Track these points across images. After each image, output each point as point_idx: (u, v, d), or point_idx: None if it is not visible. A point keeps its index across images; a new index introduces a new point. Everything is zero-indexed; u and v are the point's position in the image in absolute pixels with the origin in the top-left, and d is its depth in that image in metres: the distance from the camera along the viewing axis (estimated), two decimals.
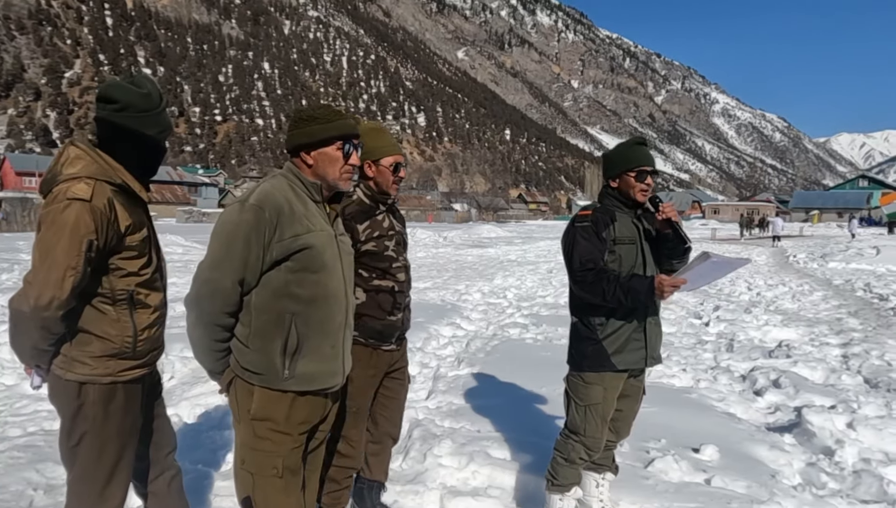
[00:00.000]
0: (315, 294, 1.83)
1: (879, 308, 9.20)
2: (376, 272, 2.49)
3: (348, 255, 1.99)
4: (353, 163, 1.90)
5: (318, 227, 1.84)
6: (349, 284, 1.96)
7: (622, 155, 2.43)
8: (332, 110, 1.91)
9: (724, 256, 2.16)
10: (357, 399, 2.49)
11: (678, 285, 2.15)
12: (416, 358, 5.66)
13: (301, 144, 1.87)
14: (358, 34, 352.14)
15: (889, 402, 4.55)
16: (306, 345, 1.83)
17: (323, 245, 1.83)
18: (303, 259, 1.79)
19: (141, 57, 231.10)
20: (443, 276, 12.75)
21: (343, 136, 1.88)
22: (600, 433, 2.44)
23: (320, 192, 1.88)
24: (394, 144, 2.60)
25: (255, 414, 1.83)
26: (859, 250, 19.54)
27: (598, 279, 2.28)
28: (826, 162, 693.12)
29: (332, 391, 1.94)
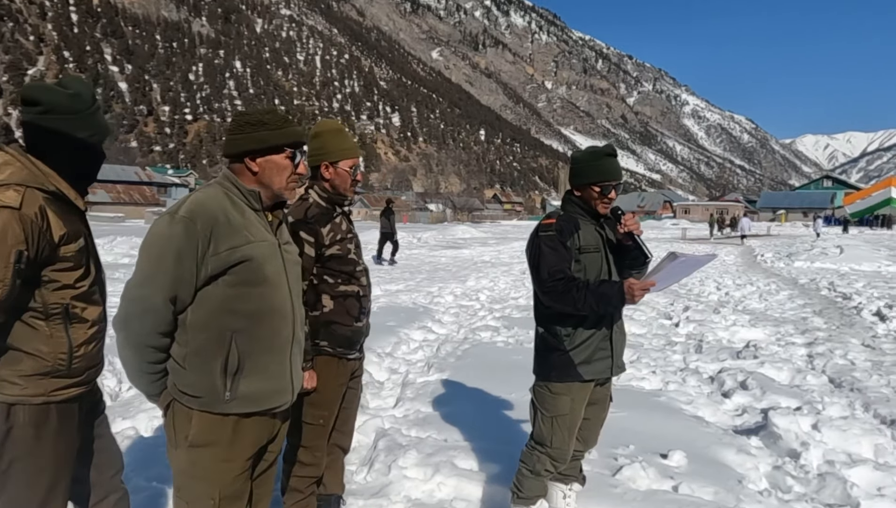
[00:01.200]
0: (258, 309, 1.73)
1: (843, 307, 9.41)
2: (342, 277, 2.42)
3: (295, 265, 1.89)
4: (300, 172, 1.83)
5: (258, 237, 1.74)
6: (296, 296, 1.86)
7: (589, 166, 2.38)
8: (281, 116, 1.82)
9: (692, 254, 2.14)
10: (325, 411, 2.42)
11: (648, 287, 2.11)
12: (385, 364, 5.58)
13: (247, 150, 1.77)
14: (331, 33, 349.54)
15: (852, 402, 4.61)
16: (249, 363, 1.73)
17: (264, 257, 1.74)
18: (242, 272, 1.70)
19: (108, 54, 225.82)
20: (416, 278, 12.66)
21: (293, 143, 1.80)
22: (567, 444, 2.39)
23: (259, 200, 1.78)
24: (353, 147, 2.53)
25: (193, 441, 1.72)
26: (823, 249, 20.03)
27: (569, 289, 2.23)
28: (792, 163, 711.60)
29: (281, 409, 1.85)
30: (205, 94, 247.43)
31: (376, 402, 4.48)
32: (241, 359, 1.71)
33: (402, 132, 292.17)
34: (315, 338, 2.37)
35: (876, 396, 4.75)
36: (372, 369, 5.32)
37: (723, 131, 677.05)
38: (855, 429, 3.89)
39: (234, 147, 1.79)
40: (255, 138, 1.76)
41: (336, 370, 2.43)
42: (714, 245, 29.38)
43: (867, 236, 37.80)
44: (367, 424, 3.73)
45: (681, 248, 26.61)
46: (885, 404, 4.55)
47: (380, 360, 5.62)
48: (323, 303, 2.38)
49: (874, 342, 6.91)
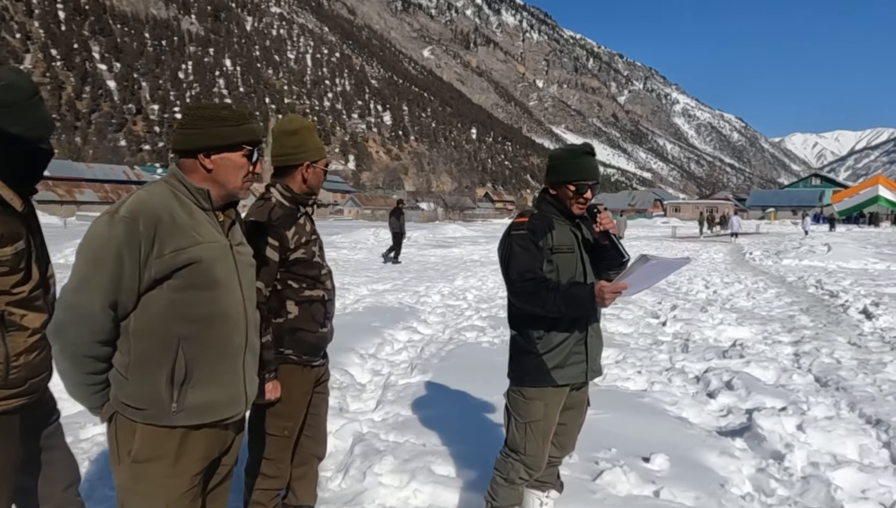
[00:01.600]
0: (207, 314, 1.63)
1: (830, 305, 9.40)
2: (307, 282, 2.32)
3: (248, 267, 1.79)
4: (257, 171, 1.74)
5: (207, 238, 1.64)
6: (249, 300, 1.76)
7: (565, 165, 2.30)
8: (240, 112, 1.73)
9: (663, 257, 2.06)
10: (290, 422, 2.33)
11: (619, 290, 2.04)
12: (367, 365, 5.49)
13: (202, 146, 1.67)
14: (322, 32, 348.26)
15: (838, 401, 4.57)
16: (198, 372, 1.63)
17: (214, 259, 1.64)
18: (189, 276, 1.60)
19: (96, 52, 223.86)
20: (403, 278, 12.56)
21: (251, 141, 1.71)
22: (541, 451, 2.31)
23: (208, 198, 1.68)
24: (323, 145, 2.48)
25: (136, 456, 1.62)
26: (811, 247, 20.11)
27: (538, 290, 2.15)
28: (781, 161, 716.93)
29: (234, 420, 1.75)
30: (194, 92, 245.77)
31: (356, 405, 4.39)
32: (189, 368, 1.62)
33: (393, 131, 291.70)
34: (279, 346, 2.27)
35: (861, 395, 4.72)
36: (354, 370, 5.23)
37: (713, 130, 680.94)
38: (840, 429, 3.85)
39: (188, 142, 1.68)
40: (212, 134, 1.66)
41: (301, 378, 2.34)
42: (704, 243, 29.47)
43: (855, 233, 38.06)
44: (345, 428, 3.64)
45: (671, 246, 26.66)
46: (870, 403, 4.51)
47: (362, 361, 5.53)
48: (287, 309, 2.28)
49: (860, 340, 6.89)
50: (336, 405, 4.22)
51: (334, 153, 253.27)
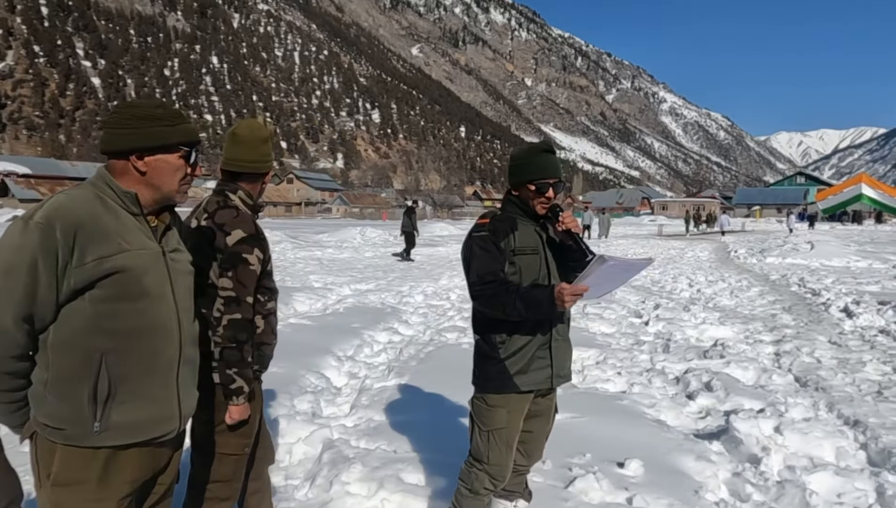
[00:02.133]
0: (134, 326, 1.53)
1: (812, 303, 9.44)
2: (268, 294, 2.24)
3: (184, 275, 1.69)
4: (196, 174, 1.66)
5: (135, 245, 1.54)
6: (184, 311, 1.66)
7: (524, 164, 2.23)
8: (175, 111, 1.64)
9: (624, 258, 1.99)
10: (250, 438, 2.21)
11: (579, 292, 1.97)
12: (344, 368, 5.40)
13: (135, 147, 1.56)
14: (310, 29, 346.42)
15: (816, 402, 4.55)
16: (124, 388, 1.53)
17: (143, 267, 1.54)
18: (114, 286, 1.49)
19: (80, 49, 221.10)
20: (388, 277, 12.46)
21: (189, 142, 1.62)
22: (505, 460, 2.24)
23: (136, 202, 1.57)
24: None
25: (56, 479, 1.51)
26: (795, 245, 20.26)
27: (497, 292, 2.08)
28: (767, 159, 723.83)
29: (168, 438, 1.65)
30: (180, 90, 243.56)
31: (330, 409, 4.30)
32: (114, 384, 1.51)
33: (381, 129, 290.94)
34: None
35: (840, 395, 4.71)
36: (330, 374, 5.14)
37: (700, 129, 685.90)
38: (817, 431, 3.82)
39: (118, 143, 1.57)
40: (146, 135, 1.56)
41: (259, 391, 2.27)
42: (690, 241, 29.62)
43: (838, 231, 38.46)
44: (315, 435, 3.55)
45: (657, 244, 26.76)
46: (848, 403, 4.50)
47: (339, 364, 5.44)
48: (256, 324, 2.19)
49: (841, 339, 6.91)
50: (309, 409, 4.13)
51: (322, 151, 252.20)
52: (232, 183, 2.21)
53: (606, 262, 1.88)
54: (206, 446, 2.15)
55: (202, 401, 2.06)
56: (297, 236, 25.95)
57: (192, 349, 1.69)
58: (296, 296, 9.04)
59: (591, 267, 1.91)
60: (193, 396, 1.72)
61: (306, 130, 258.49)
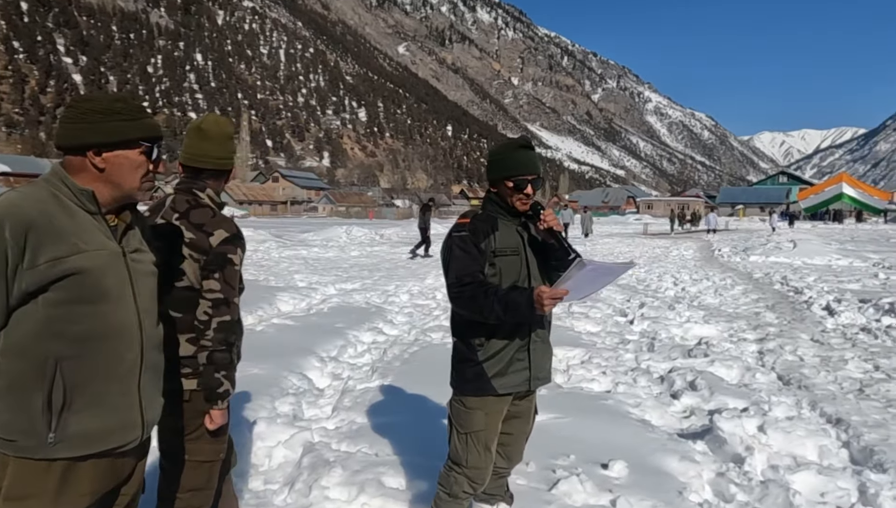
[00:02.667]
0: (91, 330, 1.45)
1: (794, 301, 9.52)
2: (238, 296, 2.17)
3: (146, 277, 1.60)
4: (160, 171, 1.58)
5: (92, 245, 1.46)
6: (146, 313, 1.59)
7: (501, 160, 2.18)
8: (136, 106, 1.56)
9: (603, 262, 1.96)
10: (223, 443, 2.12)
11: (559, 296, 1.92)
12: (328, 369, 5.33)
13: (93, 142, 1.48)
14: (296, 27, 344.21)
15: (800, 400, 4.57)
16: (81, 396, 1.45)
17: (101, 268, 1.46)
18: (70, 288, 1.41)
19: (61, 45, 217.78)
20: (373, 276, 12.38)
21: (151, 137, 1.55)
22: (484, 462, 2.20)
23: (93, 200, 1.49)
24: None
25: (8, 493, 1.42)
26: (778, 243, 20.47)
27: (476, 294, 2.04)
28: (750, 159, 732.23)
29: (131, 447, 1.57)
30: (164, 87, 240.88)
31: (312, 411, 4.23)
32: (70, 392, 1.43)
33: (368, 127, 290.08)
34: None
35: (822, 394, 4.73)
36: (313, 375, 5.07)
37: (684, 128, 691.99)
38: (800, 430, 3.82)
39: (75, 138, 1.49)
40: (105, 130, 1.48)
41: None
42: (675, 240, 29.84)
43: (820, 230, 38.98)
44: (296, 438, 3.48)
45: (643, 242, 26.91)
46: (831, 402, 4.52)
47: (322, 365, 5.36)
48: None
49: (823, 336, 6.96)
50: (290, 412, 4.06)
51: (308, 150, 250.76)
52: (198, 180, 2.12)
53: (586, 266, 1.84)
54: (178, 453, 2.05)
55: (170, 407, 1.97)
56: (281, 235, 25.75)
57: (155, 354, 1.62)
58: (280, 296, 8.93)
59: (571, 271, 1.87)
60: (158, 402, 1.65)
61: (292, 128, 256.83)
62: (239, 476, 2.96)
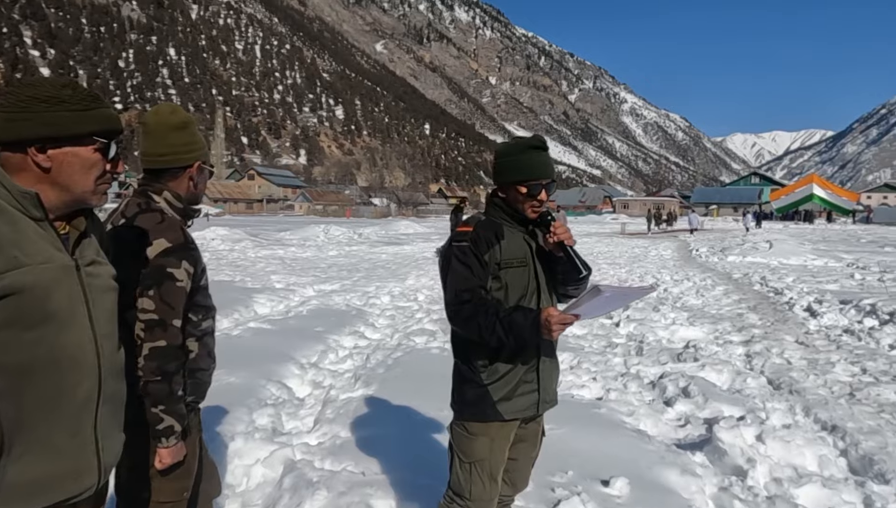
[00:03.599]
0: (32, 360, 1.20)
1: (776, 302, 9.53)
2: (203, 312, 1.89)
3: (104, 293, 1.35)
4: (119, 170, 1.34)
5: (38, 258, 1.21)
6: (105, 337, 1.33)
7: (512, 162, 1.95)
8: (88, 93, 1.30)
9: (621, 286, 1.78)
10: (189, 479, 1.88)
11: (569, 322, 1.74)
12: (308, 376, 5.09)
13: (35, 136, 1.23)
14: (272, 22, 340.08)
15: (793, 406, 4.49)
16: (22, 439, 1.20)
17: (48, 285, 1.21)
18: (8, 310, 1.17)
19: (28, 38, 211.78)
20: (353, 277, 12.12)
21: (106, 131, 1.30)
22: (489, 494, 2.00)
23: (38, 205, 1.23)
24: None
25: None
26: (754, 243, 20.70)
27: (475, 313, 1.83)
28: (723, 160, 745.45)
29: (83, 497, 1.32)
30: (136, 82, 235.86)
31: (292, 423, 4.00)
32: (9, 434, 1.19)
33: (345, 125, 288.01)
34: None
35: (814, 399, 4.66)
36: (293, 383, 4.84)
37: (659, 129, 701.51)
38: (798, 439, 3.73)
39: (13, 131, 1.23)
40: (48, 121, 1.23)
41: (196, 424, 1.94)
42: (652, 239, 30.06)
43: (791, 230, 39.69)
44: (275, 455, 3.25)
45: (621, 242, 27.03)
46: (823, 407, 4.45)
47: (302, 372, 5.13)
48: (189, 347, 1.85)
49: (807, 338, 6.94)
50: (269, 425, 3.83)
51: (285, 147, 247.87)
52: (155, 182, 1.86)
53: (602, 293, 1.65)
54: (136, 494, 1.79)
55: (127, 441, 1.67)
56: (257, 234, 25.27)
57: (114, 384, 1.37)
58: (256, 298, 8.65)
59: (585, 297, 1.69)
60: (118, 441, 1.40)
61: (268, 125, 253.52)
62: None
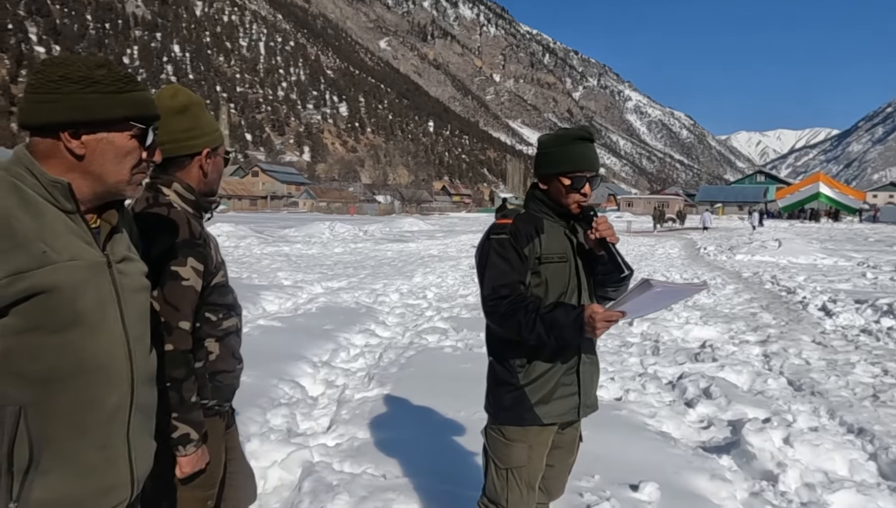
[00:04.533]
0: (59, 368, 1.11)
1: (788, 302, 9.42)
2: (223, 311, 1.78)
3: (136, 293, 1.26)
4: (155, 159, 1.24)
5: (65, 254, 1.11)
6: (137, 341, 1.24)
7: (557, 152, 1.86)
8: (124, 74, 1.19)
9: (673, 282, 1.69)
10: (212, 488, 1.78)
11: (614, 319, 1.65)
12: (320, 375, 5.01)
13: (67, 119, 1.13)
14: (276, 19, 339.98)
15: (817, 408, 4.39)
16: (50, 454, 1.12)
17: (76, 285, 1.12)
18: (35, 312, 1.08)
19: (32, 34, 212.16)
20: (359, 274, 12.04)
21: (142, 116, 1.19)
22: (526, 502, 1.90)
23: (70, 195, 1.14)
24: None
25: None
26: (763, 242, 20.53)
27: (514, 310, 1.74)
28: (727, 158, 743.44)
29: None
30: (141, 78, 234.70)
31: (307, 424, 3.92)
32: (36, 448, 1.11)
33: (349, 122, 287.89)
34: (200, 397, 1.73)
35: (838, 400, 4.56)
36: (305, 382, 4.75)
37: (663, 127, 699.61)
38: (827, 443, 3.63)
39: (43, 115, 1.13)
40: (78, 104, 1.12)
41: (219, 429, 1.83)
42: (658, 238, 29.91)
43: (797, 228, 39.46)
44: (293, 457, 3.16)
45: (627, 240, 26.91)
46: (848, 409, 4.35)
47: (315, 371, 5.05)
48: (208, 349, 1.74)
49: (824, 338, 6.83)
50: (284, 425, 3.75)
51: (289, 144, 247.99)
52: (164, 173, 1.71)
53: (653, 288, 1.55)
54: (158, 503, 1.71)
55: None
56: (262, 231, 25.21)
57: (147, 390, 1.29)
58: (264, 295, 8.57)
59: (633, 292, 1.58)
60: (150, 450, 1.33)
61: (272, 122, 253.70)
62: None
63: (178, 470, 1.65)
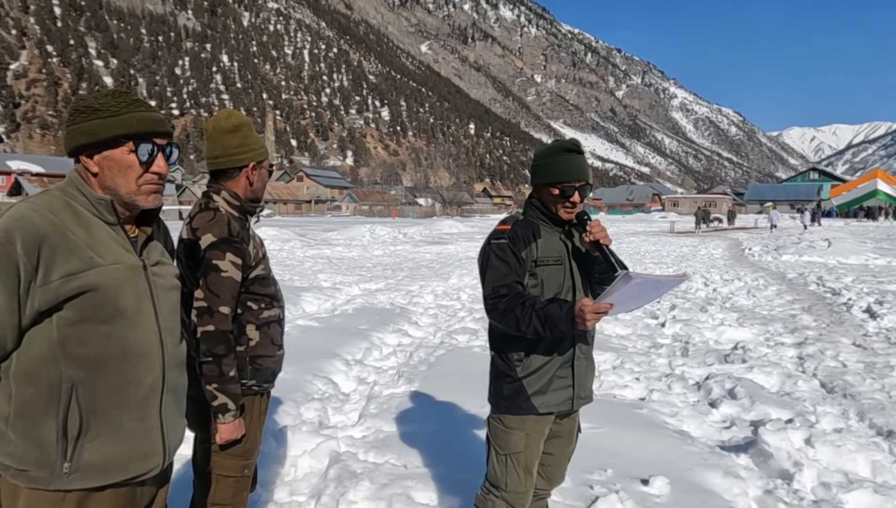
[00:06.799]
0: (105, 353, 1.35)
1: (832, 303, 9.17)
2: (265, 301, 2.08)
3: (168, 292, 1.51)
4: (157, 171, 1.43)
5: (109, 259, 1.37)
6: (169, 331, 1.49)
7: (544, 164, 2.03)
8: (121, 99, 1.41)
9: (651, 274, 1.80)
10: (249, 459, 2.07)
11: (602, 310, 1.78)
12: (353, 372, 5.24)
13: (79, 144, 1.39)
14: (319, 27, 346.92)
15: (846, 410, 4.34)
16: (97, 423, 1.36)
17: (118, 284, 1.37)
18: (84, 306, 1.32)
19: (92, 48, 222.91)
20: (397, 276, 12.31)
21: (135, 134, 1.39)
22: (524, 486, 2.06)
23: (112, 210, 1.39)
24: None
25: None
26: (811, 242, 19.87)
27: (512, 307, 1.91)
28: (779, 155, 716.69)
29: (150, 476, 1.47)
30: (191, 88, 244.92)
31: (338, 418, 4.14)
32: (85, 418, 1.34)
33: (391, 126, 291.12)
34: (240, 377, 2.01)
35: (870, 403, 4.49)
36: (338, 378, 4.99)
37: (711, 124, 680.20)
38: (850, 444, 3.61)
39: (68, 143, 1.41)
40: (85, 130, 1.38)
41: (259, 408, 2.10)
42: (702, 238, 29.24)
43: (853, 227, 37.87)
44: (322, 447, 3.39)
45: (669, 241, 26.42)
46: (880, 412, 4.28)
47: (347, 368, 5.28)
48: (248, 335, 2.03)
49: (865, 341, 6.67)
50: (316, 418, 3.98)
51: (332, 149, 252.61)
52: (214, 183, 2.08)
53: (633, 279, 1.69)
54: (204, 467, 2.02)
55: (198, 419, 1.95)
56: (305, 234, 25.90)
57: (177, 375, 1.52)
58: (304, 296, 8.91)
59: (616, 285, 1.73)
60: (181, 426, 1.56)
61: (316, 127, 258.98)
62: (264, 486, 2.89)
63: (217, 437, 1.94)
